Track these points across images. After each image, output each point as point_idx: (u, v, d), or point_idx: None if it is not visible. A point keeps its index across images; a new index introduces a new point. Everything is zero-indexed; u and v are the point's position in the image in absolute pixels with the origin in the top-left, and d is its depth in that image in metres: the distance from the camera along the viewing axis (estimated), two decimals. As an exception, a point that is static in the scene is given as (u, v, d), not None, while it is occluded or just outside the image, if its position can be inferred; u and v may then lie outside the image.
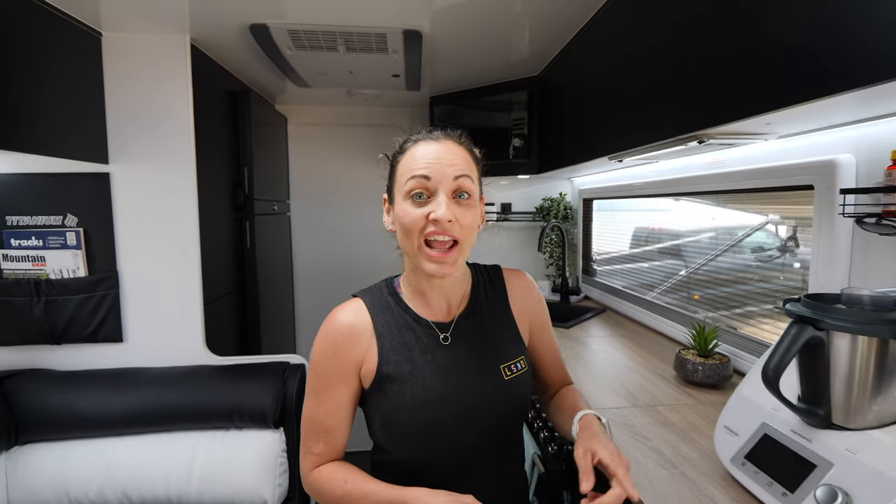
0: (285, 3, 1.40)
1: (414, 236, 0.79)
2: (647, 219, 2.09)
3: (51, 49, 1.35)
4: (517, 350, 0.90)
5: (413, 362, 0.83)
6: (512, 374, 0.87)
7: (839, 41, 0.70)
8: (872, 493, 0.67)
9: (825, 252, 1.11)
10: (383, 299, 0.88)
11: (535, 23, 1.59)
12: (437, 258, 0.78)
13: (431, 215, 0.77)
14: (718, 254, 1.57)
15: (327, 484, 0.82)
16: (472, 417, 0.82)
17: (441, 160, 0.79)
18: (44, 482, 1.44)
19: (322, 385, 0.84)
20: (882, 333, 0.71)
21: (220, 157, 1.88)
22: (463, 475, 0.83)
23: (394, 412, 0.81)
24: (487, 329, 0.89)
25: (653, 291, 1.92)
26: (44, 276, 1.55)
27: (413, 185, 0.79)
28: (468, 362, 0.85)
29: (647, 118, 1.29)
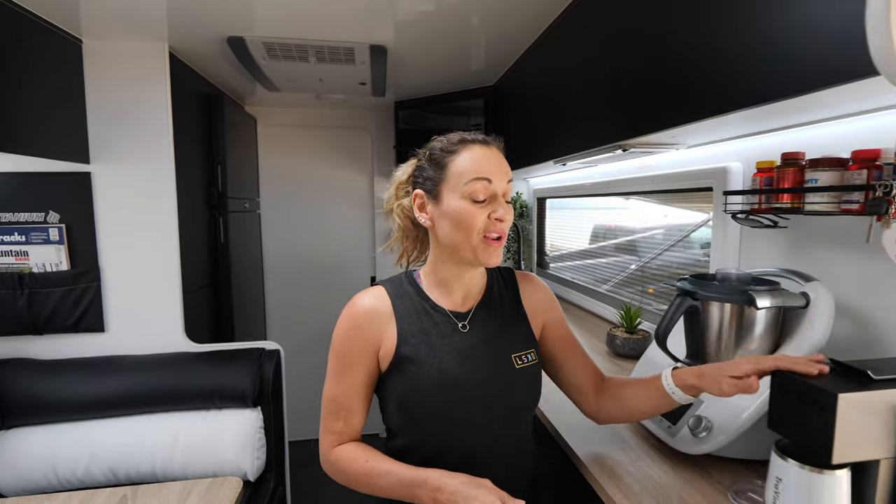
0: (262, 18, 1.53)
1: (474, 233, 0.83)
2: (605, 217, 2.27)
3: (33, 54, 1.44)
4: (528, 343, 0.93)
5: (430, 345, 0.86)
6: (523, 364, 0.89)
7: (717, 73, 0.92)
8: (725, 416, 0.89)
9: (720, 241, 1.35)
10: (403, 288, 0.91)
11: (490, 38, 1.78)
12: (496, 249, 0.84)
13: (494, 215, 0.83)
14: (666, 248, 1.76)
15: (348, 462, 0.85)
16: (485, 401, 0.85)
17: (498, 165, 0.85)
18: (32, 463, 1.53)
19: (343, 366, 0.86)
20: (739, 301, 0.93)
21: (194, 158, 1.98)
22: (475, 460, 0.84)
23: (410, 392, 0.83)
24: (500, 321, 0.92)
25: (606, 284, 2.11)
26: (27, 270, 1.63)
27: (478, 187, 0.82)
28: (482, 349, 0.88)
29: (583, 128, 1.50)
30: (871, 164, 0.85)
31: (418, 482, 0.78)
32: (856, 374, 0.66)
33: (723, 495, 0.83)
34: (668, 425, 0.98)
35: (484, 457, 0.85)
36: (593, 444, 1.03)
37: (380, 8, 1.47)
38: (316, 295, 3.00)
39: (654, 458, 0.97)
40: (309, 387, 2.76)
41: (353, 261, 3.06)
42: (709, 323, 0.98)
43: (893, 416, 0.63)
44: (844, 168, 0.90)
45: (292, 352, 2.58)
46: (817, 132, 1.05)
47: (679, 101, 1.02)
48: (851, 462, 0.64)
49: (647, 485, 0.87)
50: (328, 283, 3.02)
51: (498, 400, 0.86)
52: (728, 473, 0.89)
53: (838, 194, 0.89)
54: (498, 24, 1.63)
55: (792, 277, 1.00)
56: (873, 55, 0.52)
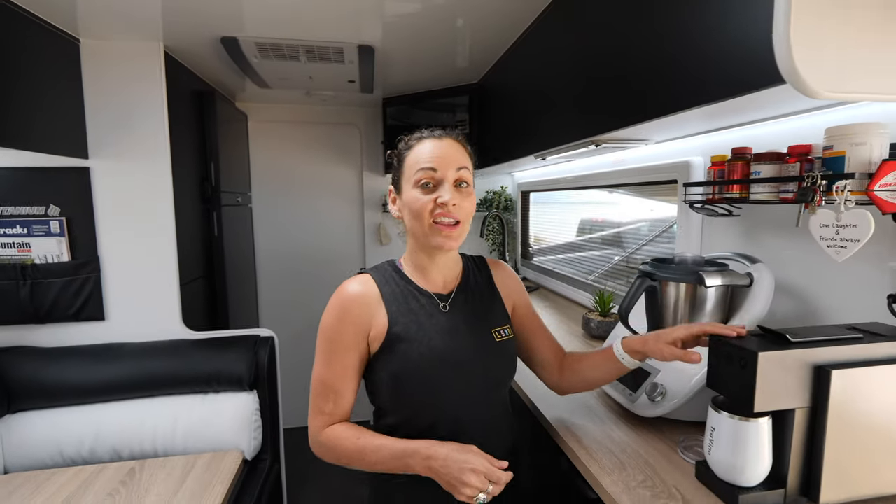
0: (254, 19, 1.61)
1: (424, 218, 0.89)
2: (591, 211, 2.34)
3: (33, 54, 1.50)
4: (505, 320, 1.01)
5: (419, 325, 0.92)
6: (501, 338, 0.98)
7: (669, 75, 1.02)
8: (677, 383, 1.01)
9: (684, 229, 1.46)
10: (388, 274, 0.98)
11: (473, 39, 1.87)
12: (447, 232, 0.90)
13: (439, 199, 0.89)
14: (648, 241, 1.85)
15: (341, 440, 0.89)
16: (471, 373, 0.92)
17: (445, 155, 0.91)
18: (38, 445, 1.60)
19: (333, 349, 0.90)
20: (691, 280, 1.04)
21: (188, 153, 2.05)
22: (463, 429, 0.90)
23: (403, 369, 0.89)
24: (479, 302, 1.00)
25: (591, 275, 2.20)
26: (29, 262, 1.69)
27: (421, 175, 0.90)
28: (465, 327, 0.95)
29: (559, 124, 1.60)
30: (805, 158, 0.96)
31: (410, 452, 0.84)
32: (777, 338, 0.77)
33: (673, 450, 0.95)
34: (629, 393, 1.09)
35: (471, 425, 0.91)
36: (563, 412, 1.14)
37: (367, 10, 1.55)
38: (306, 286, 3.08)
39: (616, 422, 1.08)
40: (299, 374, 2.85)
41: (342, 253, 3.14)
42: (666, 301, 1.09)
43: (806, 372, 0.75)
44: (783, 161, 1.01)
45: (283, 341, 2.66)
46: (765, 129, 1.16)
47: (639, 100, 1.12)
48: (771, 411, 0.75)
49: (608, 444, 0.98)
50: (318, 275, 3.10)
51: (482, 371, 0.94)
52: (679, 432, 1.01)
53: (777, 185, 1.00)
54: (481, 26, 1.72)
55: (741, 260, 1.12)
56: (780, 68, 0.62)
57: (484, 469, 0.79)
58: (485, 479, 0.79)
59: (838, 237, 0.84)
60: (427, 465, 0.82)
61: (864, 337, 0.78)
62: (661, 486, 0.84)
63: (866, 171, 0.82)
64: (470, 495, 0.78)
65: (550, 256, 2.66)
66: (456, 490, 0.79)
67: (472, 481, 0.78)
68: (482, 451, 0.84)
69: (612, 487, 0.83)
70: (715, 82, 0.86)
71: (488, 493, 0.79)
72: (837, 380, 0.73)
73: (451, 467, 0.80)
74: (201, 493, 1.19)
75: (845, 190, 0.82)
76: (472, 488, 0.78)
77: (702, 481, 0.84)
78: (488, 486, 0.79)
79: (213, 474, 1.27)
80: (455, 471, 0.79)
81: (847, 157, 0.84)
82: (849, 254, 0.83)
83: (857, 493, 0.77)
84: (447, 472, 0.80)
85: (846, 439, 0.75)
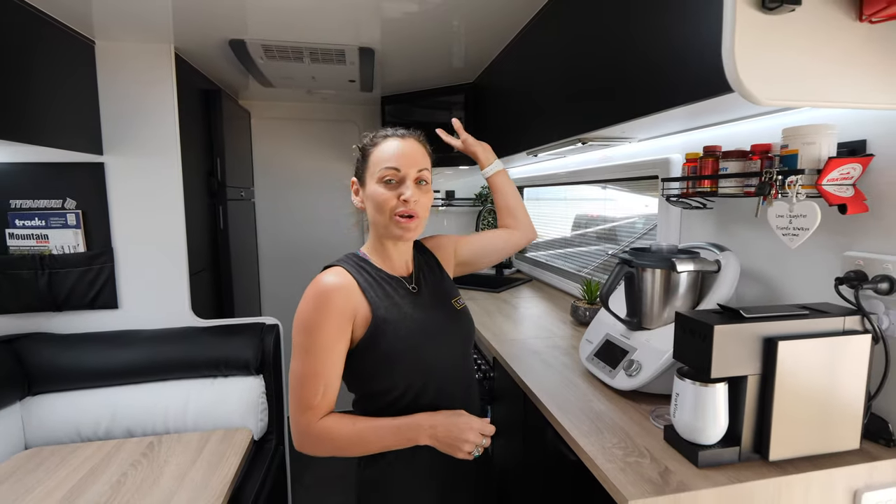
0: (261, 23, 1.70)
1: (387, 212, 0.98)
2: (587, 207, 2.43)
3: (50, 55, 1.59)
4: (455, 291, 1.15)
5: (398, 306, 1.00)
6: (460, 306, 1.11)
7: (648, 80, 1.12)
8: (652, 359, 1.11)
9: (664, 221, 1.57)
10: (357, 264, 1.04)
11: (469, 40, 1.96)
12: (405, 225, 0.99)
13: (402, 196, 0.97)
14: (640, 235, 1.93)
15: (337, 430, 0.93)
16: (446, 338, 1.04)
17: (407, 155, 0.99)
18: (57, 425, 1.70)
19: (318, 342, 0.93)
20: (664, 266, 1.15)
21: (195, 149, 2.14)
22: (449, 389, 1.01)
23: (394, 346, 0.96)
24: (435, 279, 1.12)
25: (586, 269, 2.28)
26: (47, 252, 1.78)
27: (386, 172, 0.98)
28: (433, 301, 1.07)
29: (549, 122, 1.70)
30: (765, 156, 1.07)
31: (413, 426, 0.93)
32: (733, 314, 0.87)
33: (646, 418, 1.05)
34: (609, 369, 1.20)
35: (454, 385, 1.04)
36: (550, 389, 1.24)
37: (368, 14, 1.64)
38: (306, 278, 3.14)
39: (597, 395, 1.18)
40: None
41: (341, 246, 3.23)
42: (643, 285, 1.20)
43: (757, 343, 0.85)
44: (747, 158, 1.11)
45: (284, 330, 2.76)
46: (736, 129, 1.27)
47: (620, 101, 1.22)
48: (727, 377, 0.86)
49: (589, 414, 1.09)
50: (318, 267, 3.16)
51: (454, 335, 1.07)
52: (651, 403, 1.11)
53: (741, 180, 1.10)
54: (476, 28, 1.82)
55: (711, 249, 1.22)
56: (727, 78, 0.72)
57: (479, 426, 0.93)
58: (479, 434, 0.93)
59: (791, 226, 0.95)
60: (431, 435, 0.93)
61: (809, 313, 0.89)
62: (633, 447, 0.94)
63: (815, 167, 0.93)
64: (470, 451, 0.92)
65: (545, 252, 2.77)
66: (458, 450, 0.92)
67: (471, 438, 0.92)
68: (470, 415, 0.97)
69: (590, 448, 0.94)
70: (684, 88, 0.96)
71: (482, 445, 0.93)
72: (784, 350, 0.83)
73: (452, 431, 0.93)
74: (217, 463, 1.29)
75: (796, 184, 0.92)
76: (471, 444, 0.92)
77: (669, 442, 0.94)
78: (483, 439, 0.93)
79: (227, 447, 1.37)
80: (457, 432, 0.93)
81: (799, 154, 0.95)
82: (800, 241, 0.93)
83: (801, 451, 0.87)
84: (450, 435, 0.93)
85: (791, 403, 0.85)
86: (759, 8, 0.69)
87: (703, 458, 0.86)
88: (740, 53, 0.69)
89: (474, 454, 0.92)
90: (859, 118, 0.98)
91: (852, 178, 0.94)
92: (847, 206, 0.92)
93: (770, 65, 0.71)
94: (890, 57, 0.74)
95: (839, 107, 0.75)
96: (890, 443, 0.92)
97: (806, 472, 0.85)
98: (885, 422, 0.93)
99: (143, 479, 1.29)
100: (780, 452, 0.86)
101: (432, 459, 0.99)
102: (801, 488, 0.84)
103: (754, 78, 0.70)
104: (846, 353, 0.87)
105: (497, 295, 2.32)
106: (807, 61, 0.72)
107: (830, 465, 0.86)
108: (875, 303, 0.95)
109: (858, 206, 0.93)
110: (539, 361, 1.42)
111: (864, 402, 0.89)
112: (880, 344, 0.91)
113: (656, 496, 0.79)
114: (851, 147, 0.98)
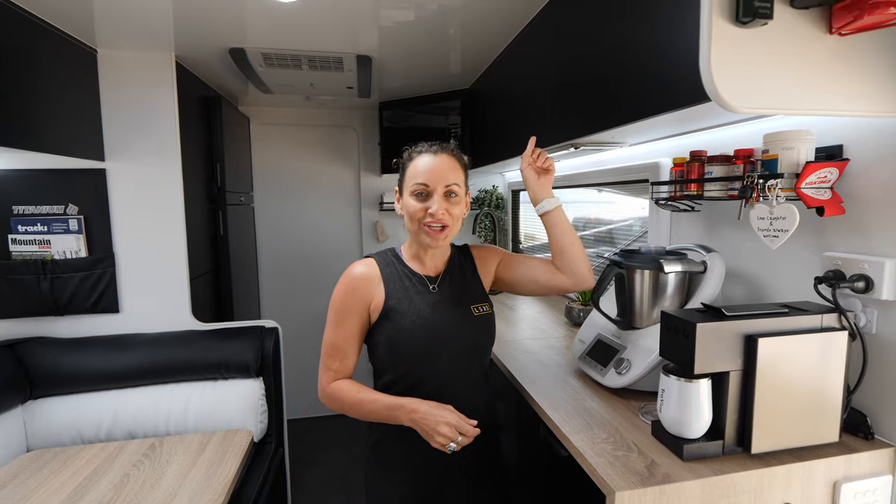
0: (261, 32, 1.74)
1: (416, 221, 1.08)
2: (584, 210, 2.44)
3: (53, 64, 1.62)
4: (483, 298, 1.18)
5: (411, 300, 1.10)
6: (479, 313, 1.15)
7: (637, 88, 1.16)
8: (641, 358, 1.15)
9: (655, 223, 1.61)
10: (388, 259, 1.16)
11: (465, 46, 2.00)
12: (433, 235, 1.08)
13: (429, 210, 1.07)
14: (637, 237, 1.94)
15: (343, 393, 1.08)
16: (452, 339, 1.10)
17: (437, 171, 1.07)
18: (59, 428, 1.72)
19: (341, 317, 1.09)
20: (652, 267, 1.18)
21: (196, 155, 2.18)
22: (444, 385, 1.08)
23: (397, 334, 1.07)
24: (461, 283, 1.17)
25: None
26: (49, 257, 1.81)
27: (416, 187, 1.08)
28: (449, 302, 1.13)
29: (543, 128, 1.73)
30: (748, 160, 1.11)
31: (398, 406, 1.03)
32: (715, 312, 0.91)
33: (634, 414, 1.09)
34: (600, 368, 1.23)
35: (451, 382, 1.10)
36: (543, 387, 1.27)
37: (365, 23, 1.68)
38: (305, 282, 3.21)
39: (588, 394, 1.22)
40: (299, 366, 2.98)
41: (340, 251, 3.27)
42: (633, 286, 1.23)
43: (738, 340, 0.89)
44: (730, 163, 1.15)
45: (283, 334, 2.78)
46: (722, 134, 1.31)
47: (611, 107, 1.26)
48: (710, 373, 0.89)
49: (580, 411, 1.12)
50: (317, 272, 3.22)
51: (461, 338, 1.11)
52: (640, 400, 1.15)
53: (726, 183, 1.14)
54: (471, 35, 1.86)
55: (698, 250, 1.26)
56: (705, 87, 0.76)
57: (455, 423, 0.98)
58: (455, 431, 0.97)
59: (772, 228, 0.98)
60: (410, 418, 1.01)
61: (789, 311, 0.92)
62: (621, 441, 0.97)
63: (794, 171, 0.97)
64: (442, 443, 0.97)
65: (542, 255, 2.79)
66: (432, 439, 0.98)
67: (444, 431, 0.97)
68: (455, 410, 1.01)
69: (580, 443, 0.97)
70: (667, 96, 1.00)
71: (458, 442, 0.97)
72: (763, 346, 0.87)
73: (429, 420, 0.98)
74: (218, 464, 1.32)
75: (776, 188, 0.96)
76: (444, 437, 0.97)
77: (656, 437, 0.98)
78: (458, 437, 0.97)
79: (228, 448, 1.39)
80: (432, 422, 0.98)
81: (780, 159, 0.99)
82: (780, 242, 0.97)
83: (782, 444, 0.91)
84: (425, 422, 0.99)
85: (772, 397, 0.89)
86: (733, 22, 0.73)
87: (688, 451, 0.89)
88: (716, 65, 0.73)
89: (449, 448, 0.97)
90: (836, 124, 1.02)
91: (829, 182, 0.97)
92: (824, 209, 0.96)
93: (744, 76, 0.75)
94: (858, 67, 0.78)
95: (811, 114, 0.79)
96: (868, 436, 0.95)
97: (787, 464, 0.88)
98: (863, 415, 0.97)
99: (145, 479, 1.31)
100: (762, 445, 0.90)
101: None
102: (782, 480, 0.88)
103: (729, 88, 0.74)
104: (824, 350, 0.91)
105: (493, 297, 2.34)
106: (779, 72, 0.76)
107: (811, 458, 0.89)
108: (852, 301, 0.98)
109: (835, 209, 0.97)
110: (533, 361, 1.46)
111: (843, 396, 0.93)
112: (858, 340, 0.94)
113: (643, 487, 0.82)
114: (829, 152, 1.02)
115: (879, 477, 0.92)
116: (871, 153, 0.96)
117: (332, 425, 3.11)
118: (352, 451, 2.78)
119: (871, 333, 0.96)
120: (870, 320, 0.97)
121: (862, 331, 0.96)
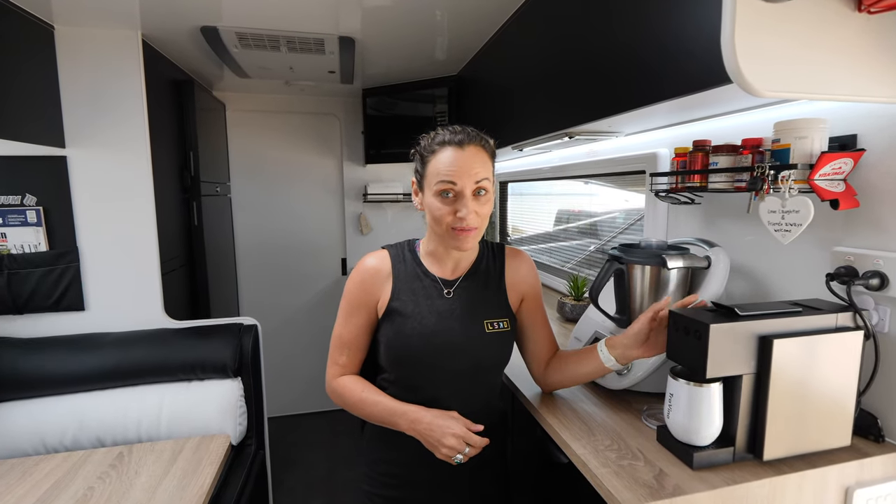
0: (235, 9, 1.62)
1: (443, 224, 0.95)
2: (568, 202, 2.40)
3: (4, 40, 1.47)
4: (503, 312, 1.05)
5: (417, 303, 1.01)
6: (493, 330, 1.03)
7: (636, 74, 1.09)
8: (642, 358, 1.09)
9: (652, 216, 1.55)
10: (403, 254, 1.06)
11: (452, 31, 1.91)
12: (463, 237, 0.96)
13: (458, 213, 0.93)
14: (622, 230, 1.92)
15: (348, 390, 1.03)
16: (454, 353, 0.99)
17: (465, 167, 0.93)
18: (20, 436, 1.60)
19: (350, 310, 1.04)
20: (655, 263, 1.12)
21: (166, 142, 2.05)
22: (440, 404, 0.99)
23: (395, 338, 1.00)
24: (481, 292, 1.05)
25: (568, 264, 2.28)
26: (5, 252, 1.68)
27: (442, 187, 0.94)
28: (460, 312, 1.02)
29: (534, 117, 1.66)
30: (756, 150, 1.05)
31: (400, 413, 0.96)
32: (727, 312, 0.85)
33: (637, 418, 1.03)
34: (598, 368, 1.17)
35: (448, 401, 0.99)
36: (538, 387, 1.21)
37: (348, 2, 1.58)
38: (286, 277, 3.10)
39: (588, 396, 1.16)
40: (280, 364, 2.88)
41: (322, 243, 3.16)
42: (632, 282, 1.17)
43: (752, 341, 0.83)
44: (737, 153, 1.09)
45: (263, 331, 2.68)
46: (725, 123, 1.25)
47: (609, 94, 1.19)
48: (722, 377, 0.84)
49: (580, 415, 1.06)
50: (299, 266, 3.11)
51: (466, 355, 1.00)
52: (643, 402, 1.10)
53: (732, 174, 1.09)
54: (459, 18, 1.77)
55: (701, 244, 1.20)
56: (727, 69, 0.69)
57: (462, 433, 0.90)
58: (462, 442, 0.90)
59: (784, 222, 0.93)
60: (413, 427, 0.95)
61: (803, 311, 0.87)
62: (626, 448, 0.92)
63: (808, 161, 0.91)
64: (448, 455, 0.89)
65: (529, 246, 2.74)
66: (436, 450, 0.91)
67: (451, 443, 0.90)
68: (460, 416, 0.94)
69: (582, 451, 0.91)
70: (675, 81, 0.93)
71: (465, 454, 0.90)
72: (778, 348, 0.82)
73: (434, 431, 0.92)
74: (192, 474, 1.23)
75: (789, 179, 0.90)
76: (450, 449, 0.89)
77: (662, 443, 0.92)
78: (465, 448, 0.90)
79: (203, 456, 1.30)
80: (437, 434, 0.91)
81: (792, 149, 0.93)
82: (793, 236, 0.92)
83: (795, 450, 0.86)
84: (430, 434, 0.91)
85: (785, 401, 0.84)
86: (759, -4, 0.66)
87: (698, 459, 0.84)
88: (740, 43, 0.66)
89: (455, 460, 0.90)
90: (850, 112, 0.97)
91: (843, 173, 0.92)
92: (839, 202, 0.91)
93: (769, 54, 0.68)
94: (887, 48, 0.73)
95: (837, 99, 0.73)
96: (879, 438, 0.92)
97: (799, 471, 0.83)
98: (874, 417, 0.93)
99: (111, 492, 1.21)
100: (774, 452, 0.85)
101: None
102: (794, 488, 0.83)
103: (754, 69, 0.67)
104: (838, 350, 0.86)
105: (481, 291, 2.28)
106: (805, 51, 0.70)
107: (823, 463, 0.85)
108: (865, 298, 0.94)
109: (850, 202, 0.92)
110: (527, 360, 1.39)
111: (855, 398, 0.88)
112: (870, 339, 0.90)
113: (653, 501, 0.76)
114: (842, 141, 0.97)
115: (892, 482, 0.88)
116: (885, 143, 0.91)
117: (312, 421, 3.02)
118: (334, 449, 2.70)
119: (884, 332, 0.92)
120: (882, 319, 0.92)
121: (875, 330, 0.92)
